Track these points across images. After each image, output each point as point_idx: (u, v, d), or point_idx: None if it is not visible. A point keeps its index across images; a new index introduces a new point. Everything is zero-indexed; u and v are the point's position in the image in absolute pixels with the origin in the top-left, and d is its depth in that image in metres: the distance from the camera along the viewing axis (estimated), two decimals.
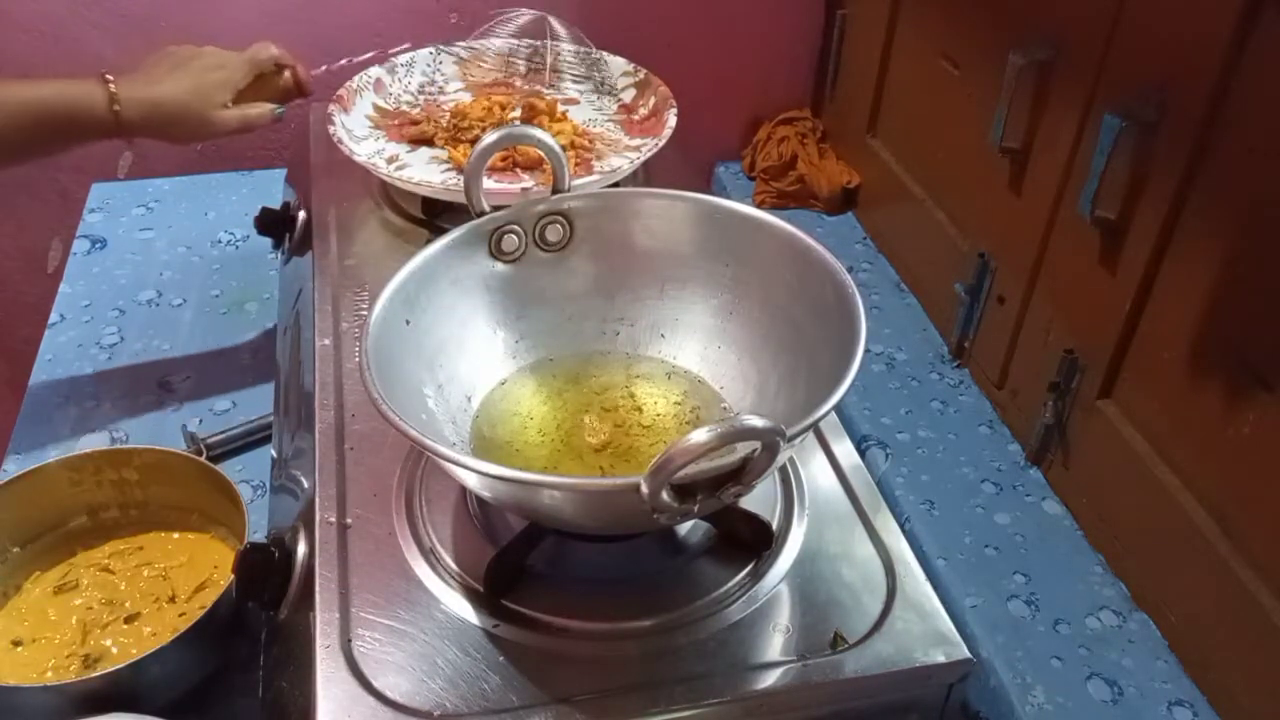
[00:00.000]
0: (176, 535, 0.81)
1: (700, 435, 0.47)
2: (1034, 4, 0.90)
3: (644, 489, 0.49)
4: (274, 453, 0.86)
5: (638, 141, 1.01)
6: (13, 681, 0.68)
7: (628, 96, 1.09)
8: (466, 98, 1.09)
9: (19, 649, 0.73)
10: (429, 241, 0.69)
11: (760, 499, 0.67)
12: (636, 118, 1.06)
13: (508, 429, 0.69)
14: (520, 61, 1.03)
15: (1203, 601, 0.76)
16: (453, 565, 0.64)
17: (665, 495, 0.50)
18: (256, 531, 0.80)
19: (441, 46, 1.11)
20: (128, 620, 0.75)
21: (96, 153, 1.29)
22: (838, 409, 0.58)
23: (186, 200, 1.29)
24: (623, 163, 0.95)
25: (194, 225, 1.25)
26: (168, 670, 0.68)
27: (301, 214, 0.99)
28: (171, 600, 0.77)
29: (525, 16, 1.02)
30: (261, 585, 0.65)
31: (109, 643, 0.74)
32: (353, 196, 1.00)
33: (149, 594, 0.77)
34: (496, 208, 0.71)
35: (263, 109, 0.90)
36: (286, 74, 0.92)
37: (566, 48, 1.04)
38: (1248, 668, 0.72)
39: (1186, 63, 0.72)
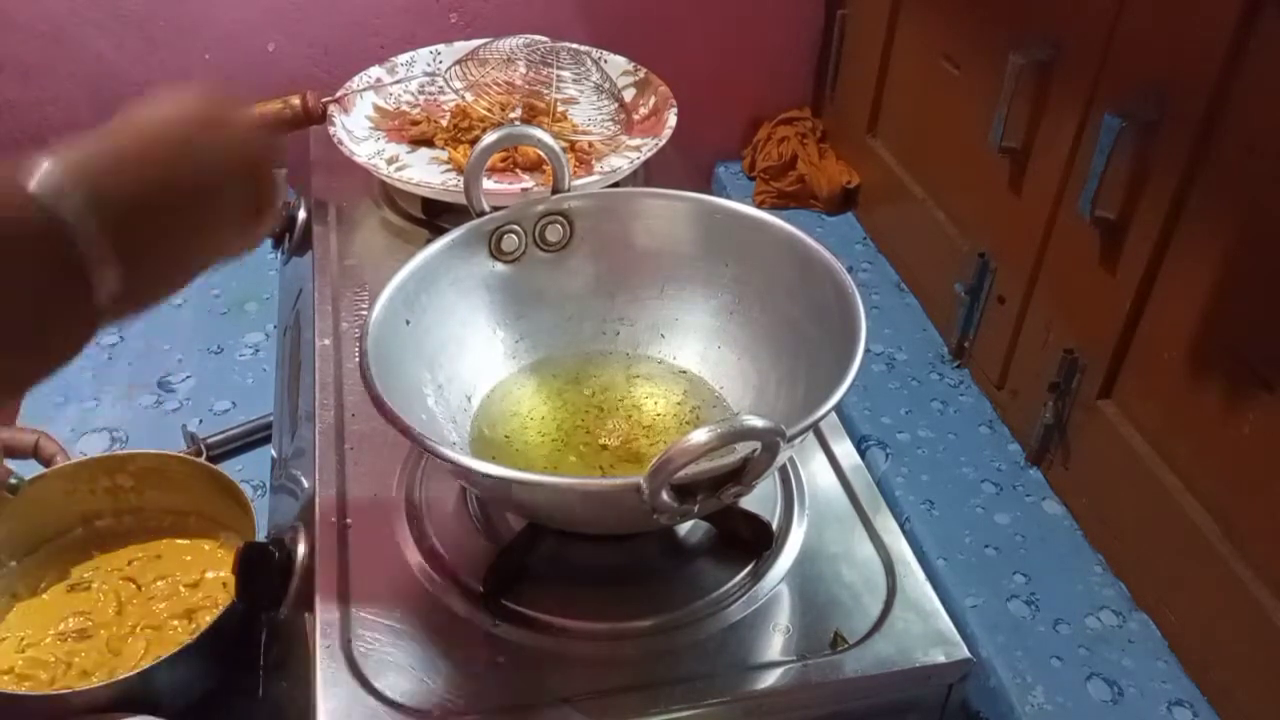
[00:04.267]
0: (187, 542, 0.81)
1: (700, 435, 0.47)
2: (1034, 4, 0.90)
3: (644, 489, 0.49)
4: (274, 453, 0.86)
5: (638, 141, 1.01)
6: (17, 689, 0.68)
7: (628, 96, 1.08)
8: (467, 98, 1.09)
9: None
10: (429, 241, 0.69)
11: (760, 499, 0.67)
12: (637, 117, 1.06)
13: (508, 429, 0.69)
14: (520, 61, 1.03)
15: (1203, 601, 0.76)
16: (453, 565, 0.64)
17: (665, 495, 0.50)
18: (257, 531, 0.80)
19: (441, 46, 1.11)
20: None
21: None
22: (838, 409, 0.58)
23: None
24: (623, 163, 0.95)
25: None
26: (176, 678, 0.68)
27: (301, 214, 0.99)
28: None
29: (518, 38, 1.03)
30: (262, 585, 0.65)
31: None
32: (353, 197, 1.00)
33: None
34: (496, 208, 0.71)
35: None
36: None
37: (567, 48, 1.04)
38: (1248, 668, 0.72)
39: (1186, 63, 0.72)
